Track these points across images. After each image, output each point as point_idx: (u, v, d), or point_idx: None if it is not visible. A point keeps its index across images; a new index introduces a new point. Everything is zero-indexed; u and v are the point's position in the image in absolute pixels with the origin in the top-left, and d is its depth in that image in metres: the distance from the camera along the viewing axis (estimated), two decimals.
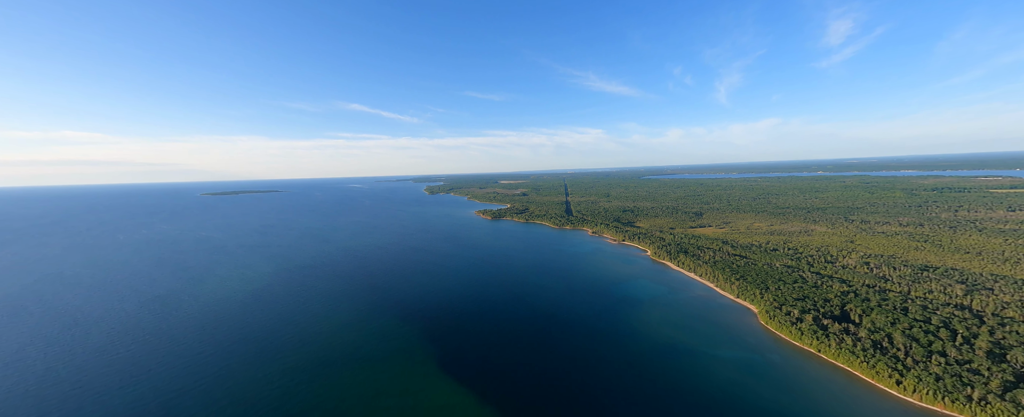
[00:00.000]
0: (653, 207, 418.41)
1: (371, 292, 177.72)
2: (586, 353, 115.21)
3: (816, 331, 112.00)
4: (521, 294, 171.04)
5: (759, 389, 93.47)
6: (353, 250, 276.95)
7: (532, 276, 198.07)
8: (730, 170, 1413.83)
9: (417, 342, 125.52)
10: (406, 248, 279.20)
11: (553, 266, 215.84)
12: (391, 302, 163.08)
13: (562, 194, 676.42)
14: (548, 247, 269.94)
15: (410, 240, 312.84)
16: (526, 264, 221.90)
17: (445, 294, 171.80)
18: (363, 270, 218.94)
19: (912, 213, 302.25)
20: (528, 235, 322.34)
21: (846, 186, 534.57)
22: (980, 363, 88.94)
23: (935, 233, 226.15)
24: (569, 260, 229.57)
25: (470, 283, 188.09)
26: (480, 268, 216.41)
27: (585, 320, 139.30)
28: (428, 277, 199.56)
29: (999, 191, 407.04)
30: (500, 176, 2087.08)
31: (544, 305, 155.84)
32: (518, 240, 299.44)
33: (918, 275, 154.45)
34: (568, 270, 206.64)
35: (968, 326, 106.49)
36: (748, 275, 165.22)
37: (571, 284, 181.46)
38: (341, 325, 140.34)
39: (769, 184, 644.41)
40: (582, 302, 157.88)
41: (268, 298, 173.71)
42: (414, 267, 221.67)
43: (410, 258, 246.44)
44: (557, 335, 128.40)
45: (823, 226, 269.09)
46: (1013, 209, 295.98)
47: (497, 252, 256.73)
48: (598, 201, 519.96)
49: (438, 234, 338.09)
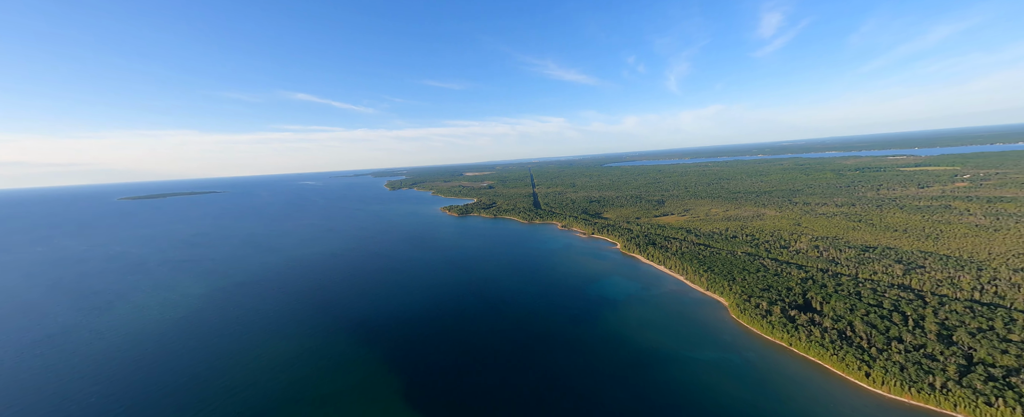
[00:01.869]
0: (618, 196, 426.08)
1: (325, 312, 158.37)
2: (567, 369, 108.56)
3: (785, 324, 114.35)
4: (494, 302, 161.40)
5: (739, 393, 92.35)
6: (304, 260, 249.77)
7: (505, 279, 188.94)
8: (683, 155, 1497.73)
9: (380, 372, 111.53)
10: (366, 254, 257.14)
11: (526, 266, 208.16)
12: (349, 323, 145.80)
13: (529, 185, 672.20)
14: (519, 245, 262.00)
15: (370, 244, 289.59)
16: (497, 266, 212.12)
17: (410, 308, 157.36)
18: (315, 284, 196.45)
19: (843, 193, 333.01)
20: (497, 232, 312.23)
21: (785, 168, 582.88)
22: (933, 347, 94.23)
23: (866, 212, 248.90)
24: (541, 259, 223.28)
25: (438, 292, 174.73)
26: (449, 273, 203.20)
27: (563, 328, 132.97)
28: (391, 288, 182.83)
29: (907, 169, 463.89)
30: (465, 167, 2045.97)
31: (519, 314, 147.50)
32: (487, 239, 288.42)
33: (861, 256, 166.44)
34: (541, 270, 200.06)
35: (915, 308, 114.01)
36: (715, 266, 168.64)
37: (546, 286, 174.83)
38: (289, 357, 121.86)
39: (719, 169, 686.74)
40: (559, 306, 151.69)
41: (196, 328, 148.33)
42: (375, 277, 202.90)
43: (370, 266, 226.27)
44: (535, 349, 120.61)
45: (772, 210, 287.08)
46: (922, 186, 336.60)
47: (466, 253, 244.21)
48: (565, 192, 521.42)
49: (401, 236, 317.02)
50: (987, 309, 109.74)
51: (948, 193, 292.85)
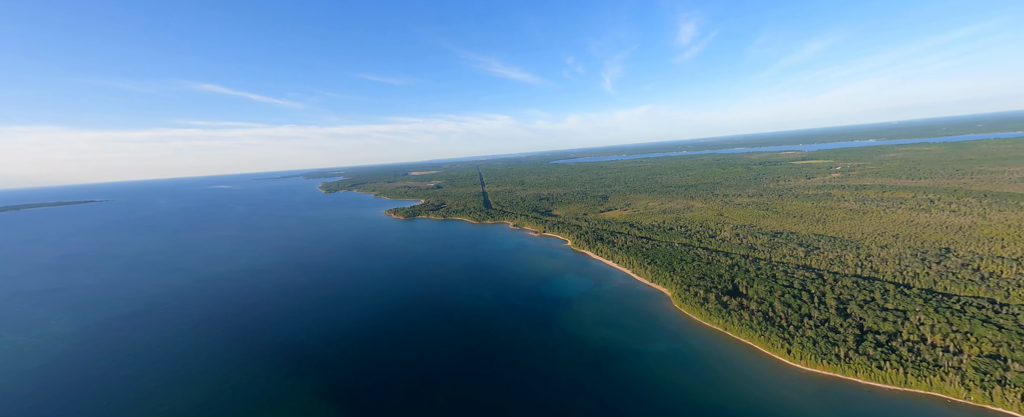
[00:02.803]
0: (565, 193, 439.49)
1: (246, 340, 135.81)
2: (527, 375, 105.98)
3: (720, 309, 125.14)
4: (448, 310, 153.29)
5: (687, 383, 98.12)
6: (217, 280, 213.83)
7: (459, 284, 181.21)
8: (620, 152, 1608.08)
9: (319, 406, 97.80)
10: (297, 268, 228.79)
11: (480, 270, 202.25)
12: (278, 351, 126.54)
13: (478, 184, 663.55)
14: (471, 247, 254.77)
15: (302, 255, 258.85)
16: (450, 271, 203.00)
17: (353, 327, 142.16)
18: (233, 308, 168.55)
19: (752, 185, 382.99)
20: (448, 235, 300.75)
21: (705, 164, 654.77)
22: (834, 320, 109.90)
23: (771, 202, 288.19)
24: (495, 260, 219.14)
25: (385, 306, 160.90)
26: (396, 283, 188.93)
27: (521, 332, 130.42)
28: (329, 306, 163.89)
29: (797, 163, 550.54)
30: (410, 166, 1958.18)
31: (475, 321, 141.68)
32: (438, 242, 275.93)
33: (772, 241, 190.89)
34: (496, 272, 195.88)
35: (817, 286, 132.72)
36: (657, 258, 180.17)
37: (501, 289, 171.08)
38: (199, 402, 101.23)
39: (652, 165, 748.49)
40: (515, 310, 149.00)
41: (63, 379, 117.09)
42: (309, 293, 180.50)
43: (303, 281, 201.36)
44: (494, 357, 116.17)
45: (699, 202, 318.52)
46: (809, 177, 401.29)
47: (415, 260, 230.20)
48: (514, 190, 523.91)
49: (340, 244, 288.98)
50: (867, 282, 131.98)
51: (827, 183, 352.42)
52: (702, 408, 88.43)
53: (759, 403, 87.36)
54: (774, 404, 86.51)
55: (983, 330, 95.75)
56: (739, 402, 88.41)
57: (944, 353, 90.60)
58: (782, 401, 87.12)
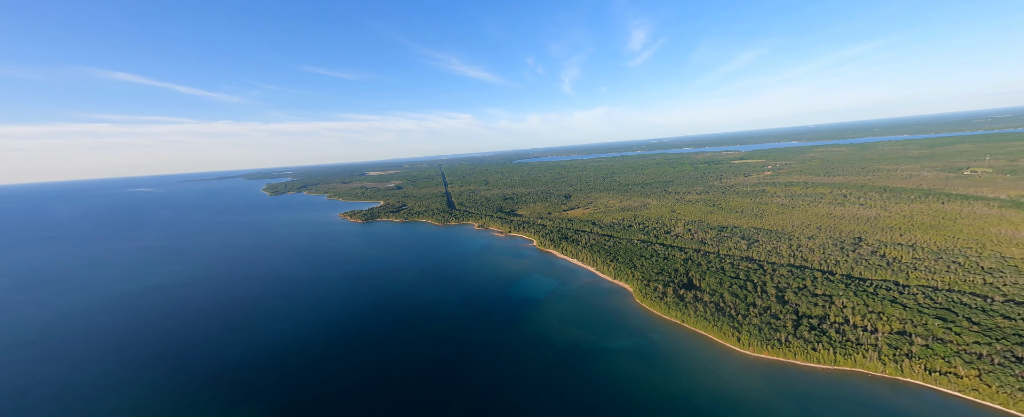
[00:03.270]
0: (529, 193, 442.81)
1: (173, 366, 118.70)
2: (495, 380, 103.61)
3: (677, 302, 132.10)
4: (410, 318, 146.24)
5: (650, 376, 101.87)
6: (132, 298, 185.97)
7: (422, 290, 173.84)
8: (580, 151, 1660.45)
9: None
10: (238, 280, 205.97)
11: (445, 273, 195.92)
12: (213, 375, 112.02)
13: (441, 184, 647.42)
14: (436, 250, 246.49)
15: (244, 265, 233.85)
16: (413, 276, 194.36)
17: (304, 343, 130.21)
18: (156, 329, 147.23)
19: (700, 183, 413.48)
20: (411, 237, 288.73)
21: (658, 163, 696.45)
22: (775, 307, 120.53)
23: (717, 198, 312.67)
24: (460, 263, 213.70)
25: (340, 316, 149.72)
26: (354, 292, 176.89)
27: (489, 336, 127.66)
28: (275, 321, 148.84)
29: (736, 162, 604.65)
30: (367, 166, 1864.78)
31: (441, 328, 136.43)
32: (399, 246, 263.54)
33: (719, 235, 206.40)
34: (462, 275, 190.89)
35: (759, 276, 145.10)
36: (618, 255, 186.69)
37: (468, 293, 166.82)
38: None
39: (610, 164, 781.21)
40: (482, 313, 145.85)
41: None
42: (252, 308, 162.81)
43: (244, 294, 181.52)
44: (460, 364, 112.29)
45: (654, 199, 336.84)
46: (746, 175, 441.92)
47: (375, 265, 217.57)
48: (478, 190, 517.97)
49: (289, 251, 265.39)
50: (799, 271, 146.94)
51: (762, 181, 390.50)
52: (665, 400, 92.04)
53: (715, 391, 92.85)
54: (728, 391, 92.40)
55: (892, 309, 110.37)
56: (698, 392, 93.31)
57: (863, 332, 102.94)
58: (735, 388, 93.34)
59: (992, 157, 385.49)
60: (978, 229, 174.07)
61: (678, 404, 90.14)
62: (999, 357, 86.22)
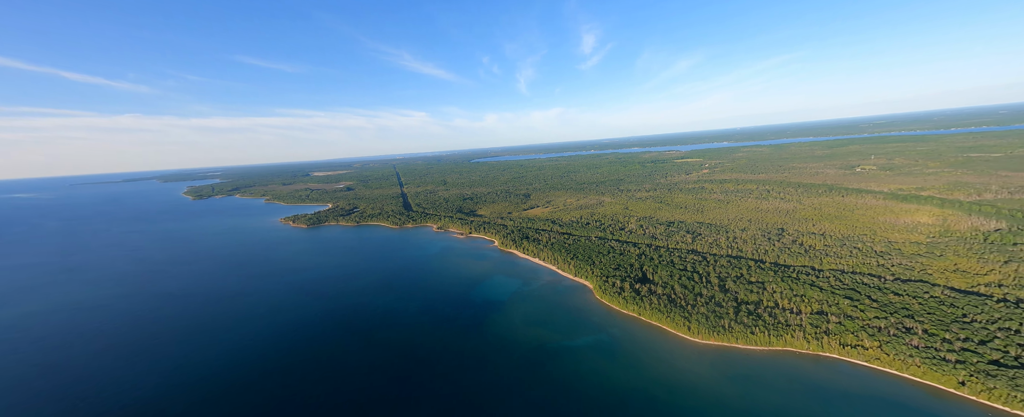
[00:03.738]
0: (489, 192, 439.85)
1: (59, 405, 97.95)
2: (461, 389, 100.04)
3: (634, 296, 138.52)
4: (366, 330, 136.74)
5: (613, 370, 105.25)
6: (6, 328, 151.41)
7: (379, 298, 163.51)
8: (537, 151, 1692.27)
9: None
10: (147, 299, 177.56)
11: (403, 279, 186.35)
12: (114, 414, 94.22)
13: (396, 185, 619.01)
14: (392, 254, 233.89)
15: (157, 282, 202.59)
16: (369, 284, 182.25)
17: (239, 367, 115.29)
18: (29, 366, 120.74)
19: (648, 181, 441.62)
20: (364, 242, 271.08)
21: (610, 162, 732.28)
22: (719, 296, 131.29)
23: (664, 195, 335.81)
24: (419, 267, 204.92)
25: (286, 333, 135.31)
26: (299, 304, 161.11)
27: (453, 343, 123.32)
28: (197, 347, 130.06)
29: (678, 161, 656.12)
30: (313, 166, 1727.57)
31: (401, 338, 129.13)
32: (352, 252, 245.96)
33: (668, 230, 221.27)
34: (421, 280, 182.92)
35: (703, 267, 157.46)
36: (578, 253, 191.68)
37: (429, 299, 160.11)
38: None
39: (567, 163, 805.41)
40: (445, 319, 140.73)
41: None
42: (166, 332, 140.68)
43: (155, 316, 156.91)
44: (423, 375, 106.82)
45: (608, 197, 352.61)
46: (688, 173, 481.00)
47: (324, 274, 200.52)
48: (436, 190, 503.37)
49: (217, 262, 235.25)
50: (736, 260, 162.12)
51: (701, 178, 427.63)
52: (627, 394, 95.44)
53: (671, 380, 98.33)
54: (682, 379, 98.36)
55: (811, 292, 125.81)
56: (657, 382, 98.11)
57: (791, 314, 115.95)
58: (688, 375, 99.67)
59: (875, 157, 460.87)
60: (870, 218, 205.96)
61: (639, 397, 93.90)
62: (893, 329, 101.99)
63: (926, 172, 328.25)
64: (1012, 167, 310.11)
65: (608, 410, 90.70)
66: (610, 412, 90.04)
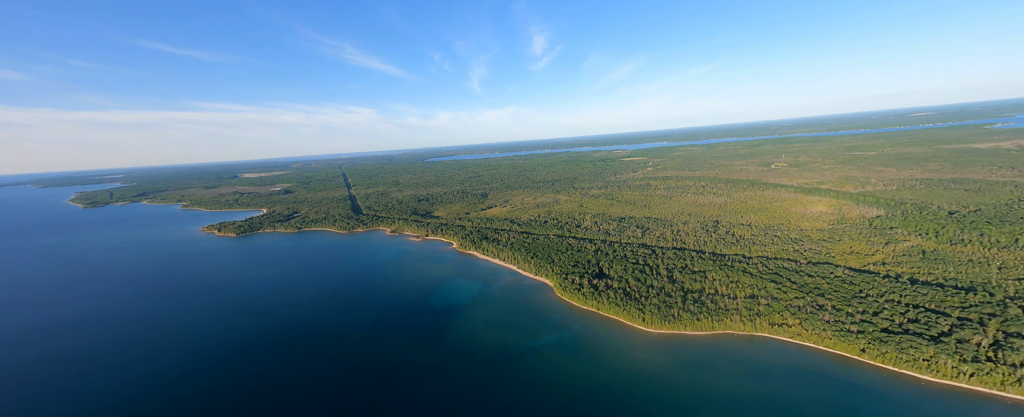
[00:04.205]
0: (445, 193, 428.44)
1: None
2: (422, 402, 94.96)
3: (593, 292, 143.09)
4: (315, 347, 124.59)
5: (575, 366, 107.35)
6: None
7: (328, 311, 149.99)
8: (492, 150, 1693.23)
9: None
10: (15, 334, 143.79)
11: (354, 288, 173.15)
12: None
13: (342, 186, 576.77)
14: (341, 262, 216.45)
15: (32, 310, 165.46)
16: (315, 296, 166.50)
17: (157, 404, 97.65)
18: None
19: (600, 179, 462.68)
20: (308, 250, 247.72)
21: (564, 161, 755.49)
22: (668, 287, 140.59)
23: (614, 192, 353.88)
24: (372, 274, 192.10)
25: (215, 359, 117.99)
26: (234, 325, 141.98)
27: (412, 353, 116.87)
28: (106, 381, 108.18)
29: (626, 159, 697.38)
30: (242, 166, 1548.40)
31: (354, 354, 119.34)
32: (294, 261, 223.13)
33: (620, 226, 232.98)
34: (375, 289, 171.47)
35: (653, 260, 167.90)
36: (537, 252, 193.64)
37: (384, 307, 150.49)
38: None
39: (522, 162, 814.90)
40: (403, 329, 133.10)
41: None
42: (45, 371, 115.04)
43: (29, 356, 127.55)
44: (383, 395, 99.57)
45: (564, 195, 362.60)
46: (634, 171, 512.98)
47: (260, 288, 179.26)
48: (389, 192, 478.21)
49: (121, 282, 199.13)
50: (681, 252, 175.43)
51: (646, 176, 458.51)
52: (591, 389, 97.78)
53: (629, 371, 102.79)
54: (640, 369, 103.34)
55: (744, 278, 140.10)
56: (617, 375, 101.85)
57: (728, 299, 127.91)
58: (644, 364, 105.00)
59: (785, 156, 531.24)
60: (784, 209, 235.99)
61: (601, 391, 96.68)
62: (809, 307, 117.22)
63: (823, 168, 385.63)
64: (884, 164, 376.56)
65: (573, 408, 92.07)
66: (575, 410, 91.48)
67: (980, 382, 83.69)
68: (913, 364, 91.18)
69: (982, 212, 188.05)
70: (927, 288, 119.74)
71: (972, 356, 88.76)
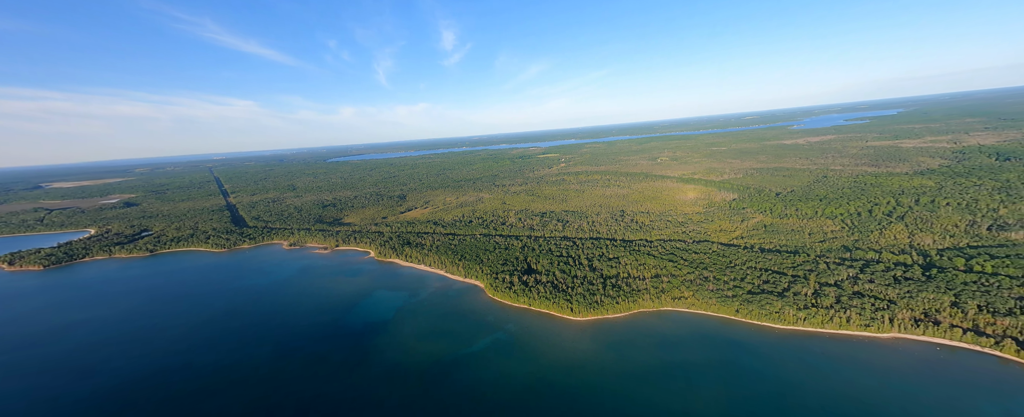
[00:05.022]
0: (356, 196, 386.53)
1: None
2: None
3: (524, 289, 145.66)
4: (185, 409, 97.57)
5: (512, 367, 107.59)
6: None
7: (204, 355, 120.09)
8: (407, 148, 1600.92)
9: None
10: None
11: (243, 320, 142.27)
12: None
13: (217, 194, 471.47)
14: (222, 288, 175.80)
15: None
16: (181, 335, 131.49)
17: None
18: None
19: (519, 175, 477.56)
20: (168, 277, 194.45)
21: (483, 159, 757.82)
22: (589, 275, 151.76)
23: (534, 188, 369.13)
24: (268, 297, 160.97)
25: None
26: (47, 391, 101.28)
27: (327, 386, 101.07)
28: None
29: (541, 156, 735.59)
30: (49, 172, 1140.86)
31: (247, 402, 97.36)
32: (146, 294, 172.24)
33: (542, 221, 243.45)
34: (273, 315, 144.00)
35: (575, 251, 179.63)
36: (465, 253, 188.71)
37: (285, 339, 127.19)
38: None
39: (441, 160, 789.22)
40: (314, 359, 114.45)
41: None
42: None
43: None
44: None
45: (486, 193, 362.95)
46: (550, 167, 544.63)
47: (88, 340, 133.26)
48: (283, 198, 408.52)
49: None
50: (597, 241, 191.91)
51: (561, 171, 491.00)
52: (529, 386, 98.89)
53: (563, 361, 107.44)
54: (572, 357, 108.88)
55: (649, 260, 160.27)
56: (552, 366, 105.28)
57: (639, 280, 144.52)
58: (577, 353, 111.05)
59: (667, 151, 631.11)
60: (671, 197, 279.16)
61: (539, 385, 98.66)
62: (698, 280, 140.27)
63: (694, 161, 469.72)
64: (733, 157, 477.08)
65: (514, 408, 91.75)
66: (516, 409, 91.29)
67: (810, 324, 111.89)
68: (769, 316, 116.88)
69: (795, 192, 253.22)
70: (771, 254, 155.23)
71: (803, 304, 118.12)
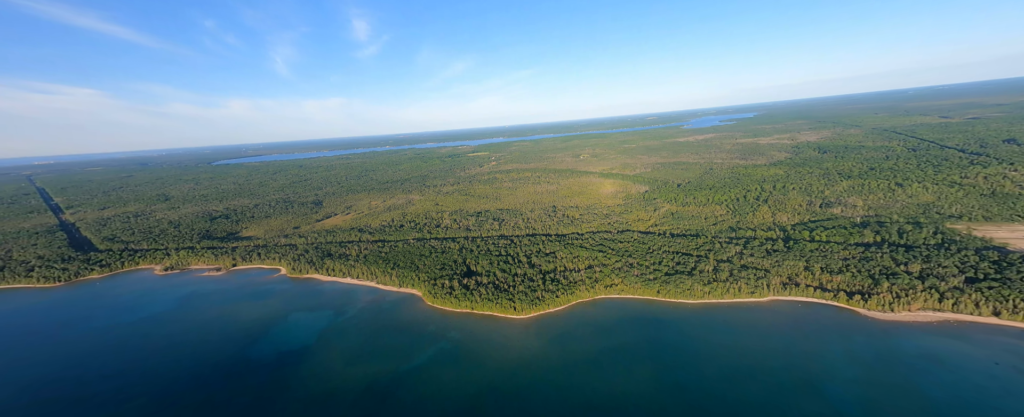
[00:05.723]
0: (257, 204, 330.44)
1: None
2: None
3: (465, 293, 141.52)
4: None
5: (454, 374, 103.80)
6: None
7: None
8: (321, 147, 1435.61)
9: None
10: None
11: (95, 369, 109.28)
12: None
13: (41, 211, 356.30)
14: (57, 337, 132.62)
15: None
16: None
17: None
18: None
19: (450, 175, 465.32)
20: None
21: (410, 158, 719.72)
22: (530, 273, 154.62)
23: (467, 187, 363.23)
24: (136, 341, 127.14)
25: None
26: None
27: None
28: None
29: (471, 155, 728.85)
30: None
31: None
32: None
33: (478, 220, 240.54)
34: (143, 362, 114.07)
35: (513, 249, 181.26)
36: (398, 261, 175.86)
37: (169, 384, 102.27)
38: None
39: (362, 160, 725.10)
40: (211, 404, 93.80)
41: None
42: None
43: None
44: None
45: (416, 195, 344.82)
46: (481, 165, 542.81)
47: None
48: (150, 211, 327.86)
49: None
50: (533, 238, 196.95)
51: (492, 170, 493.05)
52: (477, 393, 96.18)
53: (509, 362, 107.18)
54: (519, 358, 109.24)
55: (582, 252, 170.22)
56: (499, 369, 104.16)
57: (575, 272, 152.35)
58: (522, 352, 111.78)
59: (588, 149, 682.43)
60: (595, 191, 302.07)
61: (488, 392, 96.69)
62: (624, 267, 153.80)
63: (610, 158, 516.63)
64: (641, 153, 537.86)
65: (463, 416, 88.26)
66: None
67: (713, 296, 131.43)
68: (682, 293, 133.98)
69: (691, 183, 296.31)
70: (679, 239, 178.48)
71: (707, 280, 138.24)
